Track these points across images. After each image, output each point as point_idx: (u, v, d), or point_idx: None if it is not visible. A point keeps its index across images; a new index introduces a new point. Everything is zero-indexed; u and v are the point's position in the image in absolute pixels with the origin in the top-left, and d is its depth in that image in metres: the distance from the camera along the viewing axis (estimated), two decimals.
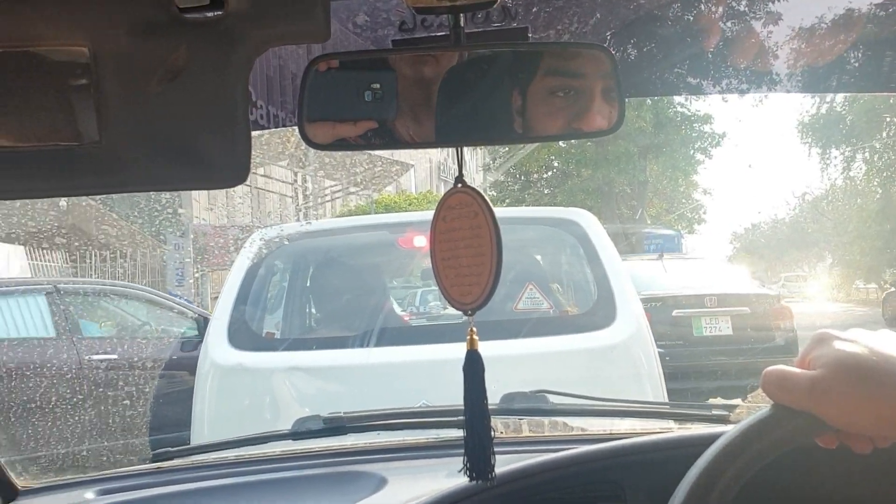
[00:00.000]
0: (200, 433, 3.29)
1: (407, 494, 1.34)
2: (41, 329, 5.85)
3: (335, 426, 1.68)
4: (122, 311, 6.82)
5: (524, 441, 1.56)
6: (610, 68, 0.90)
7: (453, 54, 0.92)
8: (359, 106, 0.92)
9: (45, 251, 13.19)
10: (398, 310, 5.11)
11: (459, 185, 1.00)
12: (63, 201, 13.37)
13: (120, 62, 0.71)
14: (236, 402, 3.37)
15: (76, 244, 13.48)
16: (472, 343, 1.03)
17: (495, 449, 1.11)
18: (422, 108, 0.93)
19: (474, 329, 1.03)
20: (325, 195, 22.19)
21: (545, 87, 0.92)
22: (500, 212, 1.00)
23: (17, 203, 11.93)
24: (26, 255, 12.69)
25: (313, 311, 4.29)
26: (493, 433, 1.07)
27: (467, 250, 0.96)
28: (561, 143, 20.37)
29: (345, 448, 1.67)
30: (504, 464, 1.15)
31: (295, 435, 1.69)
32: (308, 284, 4.21)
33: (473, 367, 1.04)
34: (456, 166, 1.03)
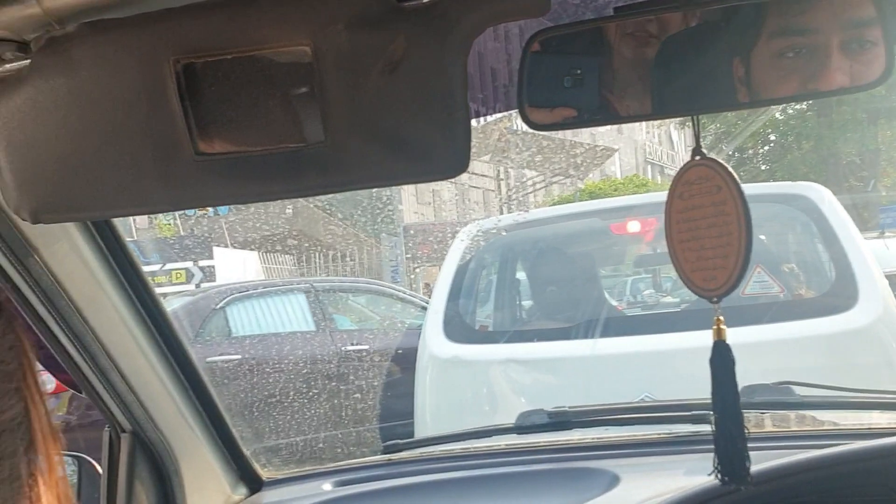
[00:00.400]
0: (423, 423, 3.39)
1: (644, 493, 1.26)
2: (303, 324, 6.41)
3: (560, 420, 1.63)
4: (364, 305, 7.30)
5: (771, 437, 1.43)
6: (873, 10, 0.78)
7: (674, 18, 0.85)
8: (575, 85, 0.87)
9: (276, 255, 14.32)
10: (611, 299, 4.99)
11: (698, 158, 0.90)
12: (289, 207, 14.46)
13: (341, 58, 0.70)
14: (454, 394, 3.43)
15: (306, 245, 14.50)
16: (719, 333, 0.93)
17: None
18: (643, 79, 0.87)
19: (721, 318, 0.93)
20: (527, 186, 22.29)
21: (774, 48, 0.83)
22: None
23: (251, 209, 13.04)
24: (259, 259, 13.85)
25: (523, 302, 4.28)
26: (746, 431, 0.97)
27: (710, 230, 0.87)
28: (777, 114, 19.02)
29: (572, 443, 1.62)
30: (752, 462, 1.04)
31: (519, 429, 1.66)
32: (518, 276, 4.21)
33: (723, 360, 0.94)
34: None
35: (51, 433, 0.39)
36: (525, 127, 0.88)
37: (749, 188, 0.89)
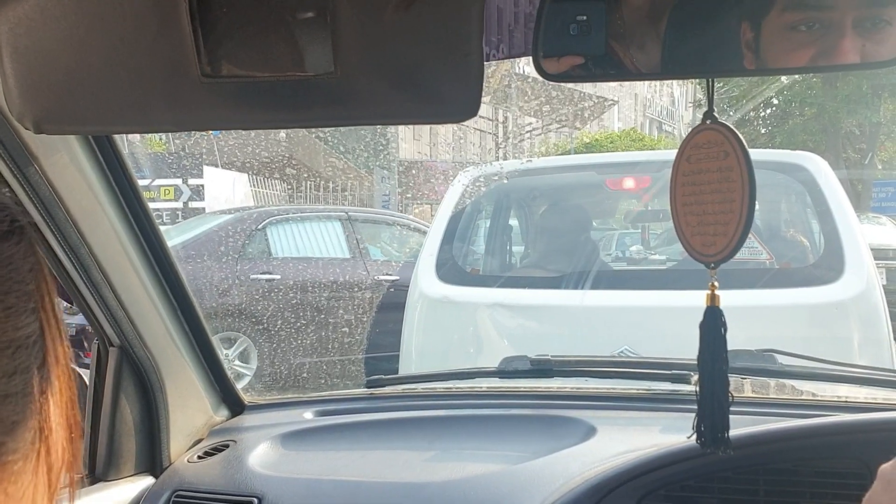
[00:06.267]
0: (408, 359, 3.43)
1: (619, 446, 1.29)
2: (338, 251, 6.64)
3: (542, 368, 1.65)
4: (390, 237, 7.49)
5: (750, 402, 1.45)
6: None
7: None
8: (581, 33, 0.85)
9: (267, 179, 14.21)
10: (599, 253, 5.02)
11: (708, 122, 0.89)
12: (282, 132, 14.30)
13: None
14: (441, 334, 3.46)
15: (304, 175, 14.40)
16: (713, 299, 0.94)
17: None
18: (655, 36, 0.85)
19: (716, 284, 0.93)
20: (525, 133, 22.14)
21: (787, 20, 0.81)
22: None
23: (252, 134, 12.89)
24: (249, 182, 13.74)
25: (514, 249, 4.30)
26: (731, 399, 0.98)
27: (714, 195, 0.87)
28: (783, 79, 18.83)
29: (552, 391, 1.64)
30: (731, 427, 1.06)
31: (501, 373, 1.68)
32: (511, 223, 4.22)
33: (714, 326, 0.95)
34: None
35: (64, 354, 0.39)
36: (534, 74, 0.86)
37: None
